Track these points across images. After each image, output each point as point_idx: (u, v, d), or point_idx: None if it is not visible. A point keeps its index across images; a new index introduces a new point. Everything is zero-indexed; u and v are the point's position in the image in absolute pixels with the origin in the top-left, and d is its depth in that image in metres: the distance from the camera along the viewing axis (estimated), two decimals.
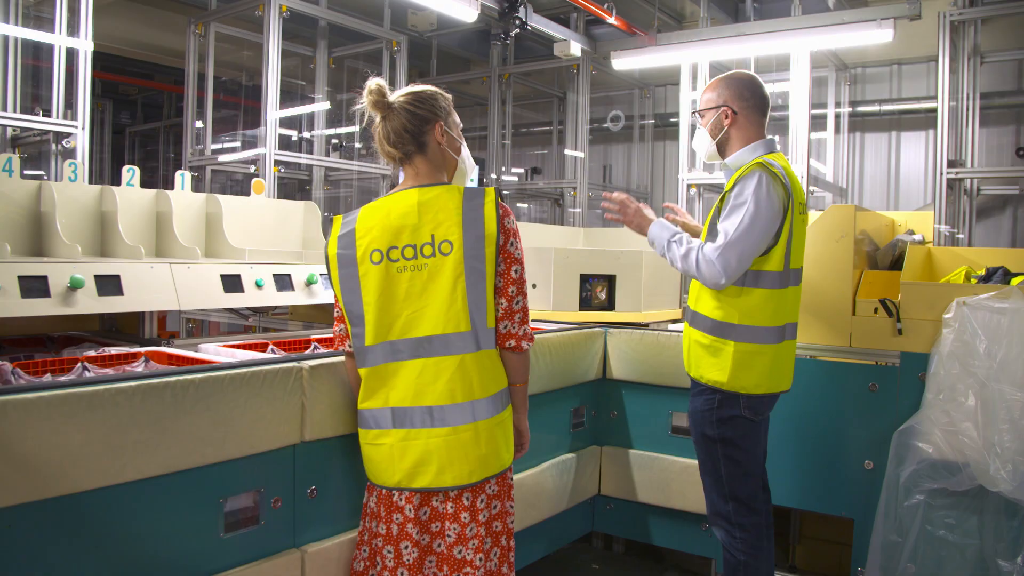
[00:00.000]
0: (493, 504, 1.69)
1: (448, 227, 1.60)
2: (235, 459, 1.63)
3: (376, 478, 1.68)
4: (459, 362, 1.60)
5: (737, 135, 2.10)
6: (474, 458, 1.62)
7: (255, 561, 1.67)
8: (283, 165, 3.61)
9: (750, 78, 2.16)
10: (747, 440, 2.08)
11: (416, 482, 1.62)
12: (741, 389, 2.02)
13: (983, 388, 2.21)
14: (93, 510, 1.41)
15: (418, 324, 1.60)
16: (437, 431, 1.61)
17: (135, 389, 1.44)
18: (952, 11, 3.36)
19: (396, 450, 1.63)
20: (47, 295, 1.92)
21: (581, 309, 3.26)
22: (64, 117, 3.03)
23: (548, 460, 2.68)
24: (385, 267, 1.61)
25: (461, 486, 1.62)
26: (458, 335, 1.60)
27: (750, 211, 1.92)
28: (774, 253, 1.99)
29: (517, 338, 1.67)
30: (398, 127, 1.64)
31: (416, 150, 1.66)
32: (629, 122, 6.05)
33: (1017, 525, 2.19)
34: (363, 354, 1.64)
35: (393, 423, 1.63)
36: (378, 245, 1.61)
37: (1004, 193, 4.58)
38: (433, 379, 1.60)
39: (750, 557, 2.07)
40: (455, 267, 1.59)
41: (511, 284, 1.64)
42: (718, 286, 1.97)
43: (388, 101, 1.66)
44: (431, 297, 1.60)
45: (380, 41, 4.34)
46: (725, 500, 2.09)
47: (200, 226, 2.62)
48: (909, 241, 2.82)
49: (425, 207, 1.61)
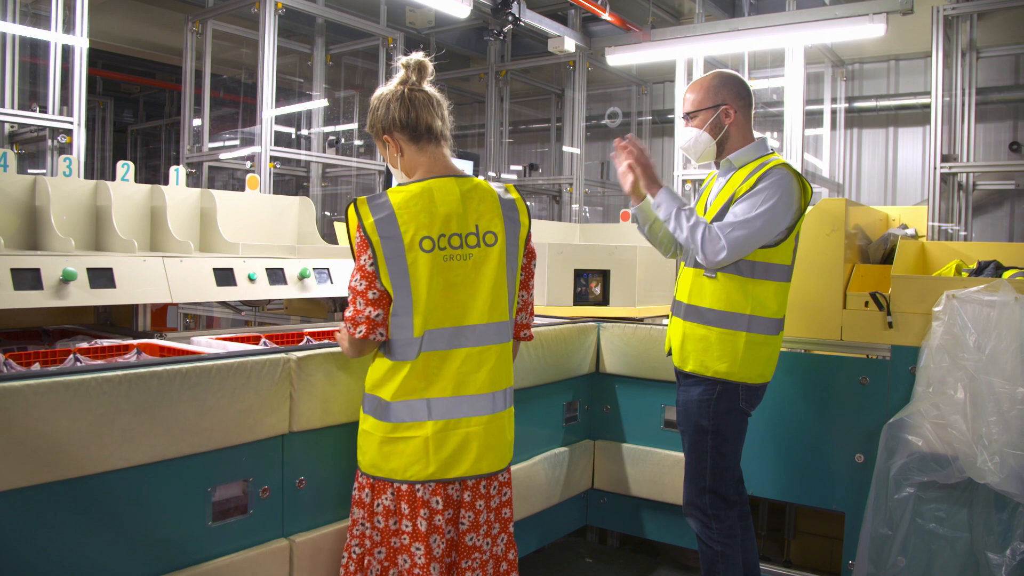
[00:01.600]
0: (504, 491, 1.74)
1: (491, 219, 1.65)
2: (223, 448, 1.64)
3: (401, 473, 1.62)
4: (499, 351, 1.67)
5: (736, 133, 2.11)
6: (505, 445, 1.70)
7: (243, 550, 1.69)
8: (280, 161, 3.63)
9: (739, 77, 2.20)
10: (737, 434, 2.11)
11: (452, 472, 1.62)
12: (748, 379, 2.05)
13: (972, 381, 2.21)
14: (79, 497, 1.43)
15: (464, 313, 1.63)
16: (478, 419, 1.64)
17: (121, 378, 1.46)
18: (946, 6, 3.36)
19: (433, 442, 1.60)
20: (40, 287, 1.94)
21: (575, 304, 3.27)
22: (60, 113, 3.06)
23: (540, 454, 2.69)
24: (436, 255, 1.59)
25: (496, 471, 1.68)
26: (500, 324, 1.66)
27: (770, 202, 1.95)
28: (783, 247, 2.04)
29: (528, 328, 1.80)
30: (444, 114, 1.69)
31: (447, 139, 1.71)
32: (627, 118, 6.06)
33: (1006, 518, 2.20)
34: (408, 345, 1.59)
35: (431, 414, 1.61)
36: (428, 232, 1.58)
37: (1001, 188, 4.57)
38: (476, 368, 1.63)
39: (726, 547, 2.10)
40: (499, 258, 1.64)
41: (531, 277, 1.78)
42: (715, 263, 1.97)
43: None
44: (477, 286, 1.63)
45: (377, 38, 4.35)
46: (703, 492, 2.11)
47: (195, 221, 2.64)
48: (901, 235, 2.82)
49: (468, 197, 1.64)
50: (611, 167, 6.50)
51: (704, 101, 2.11)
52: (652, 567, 3.02)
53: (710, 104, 2.10)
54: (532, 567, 2.95)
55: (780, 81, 4.33)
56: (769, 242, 2.01)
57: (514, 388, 2.47)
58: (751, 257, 2.01)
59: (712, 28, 3.95)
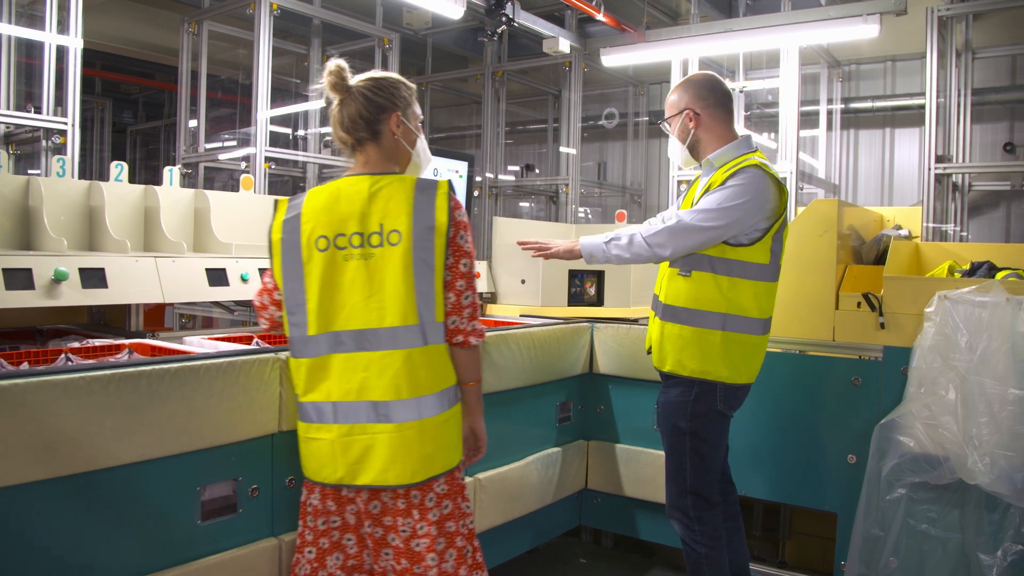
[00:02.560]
0: (444, 504, 1.62)
1: (397, 217, 1.54)
2: (212, 447, 1.65)
3: (316, 474, 1.61)
4: (406, 356, 1.54)
5: (707, 136, 2.12)
6: (418, 456, 1.56)
7: (233, 549, 1.69)
8: (276, 162, 3.64)
9: (706, 77, 2.17)
10: (716, 436, 2.10)
11: (359, 479, 1.56)
12: (726, 379, 2.04)
13: (963, 382, 2.21)
14: (67, 495, 1.43)
15: (364, 315, 1.55)
16: (382, 427, 1.55)
17: (110, 377, 1.46)
18: (940, 6, 3.37)
19: (339, 445, 1.56)
20: (31, 287, 1.94)
21: (570, 304, 3.28)
22: (55, 114, 3.07)
23: (533, 454, 2.70)
24: (331, 254, 1.55)
25: (405, 485, 1.56)
26: (405, 328, 1.54)
27: (736, 200, 1.95)
28: (759, 247, 2.02)
29: (465, 334, 1.61)
30: (354, 112, 1.59)
31: (369, 137, 1.61)
32: (623, 119, 6.07)
33: (998, 519, 2.20)
34: (304, 344, 1.58)
35: (336, 418, 1.56)
36: (324, 231, 1.56)
37: (997, 189, 4.57)
38: (379, 373, 1.54)
39: (710, 549, 2.09)
40: (403, 258, 1.54)
41: (460, 278, 1.59)
42: (669, 255, 1.99)
43: (347, 84, 1.61)
44: (378, 288, 1.54)
45: (373, 39, 4.36)
46: (684, 494, 2.10)
47: (188, 221, 2.65)
48: (894, 236, 2.83)
49: (376, 196, 1.56)
50: (608, 168, 6.51)
51: (671, 108, 2.16)
52: (646, 567, 3.02)
53: (676, 111, 2.15)
54: (526, 567, 2.95)
55: (776, 82, 4.33)
56: (741, 241, 2.00)
57: (501, 391, 2.48)
58: (724, 255, 2.00)
59: (707, 29, 3.96)
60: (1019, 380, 2.13)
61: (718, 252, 2.01)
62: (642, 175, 6.17)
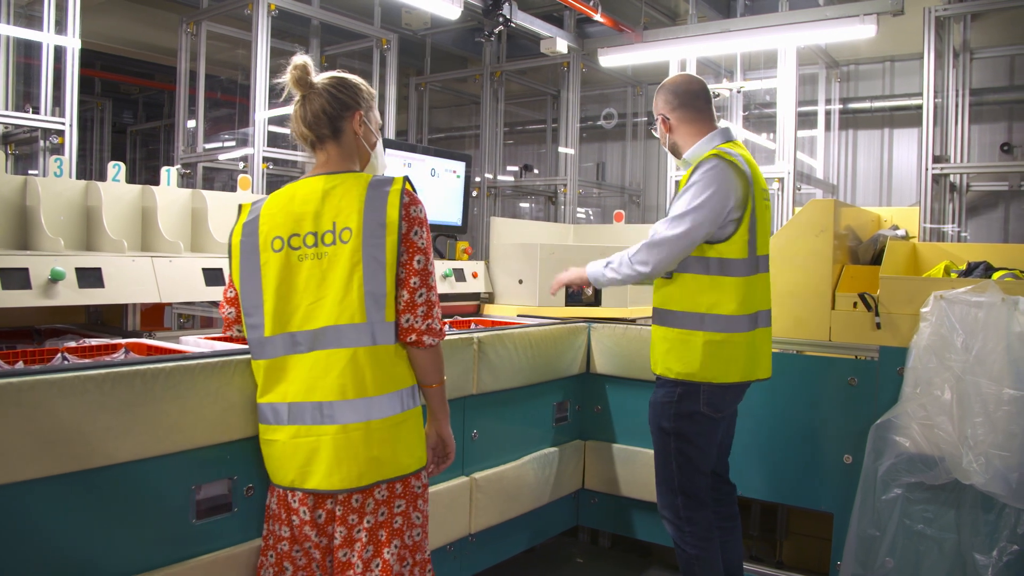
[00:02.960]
0: (380, 510, 1.55)
1: (349, 214, 1.52)
2: (206, 446, 1.65)
3: (273, 476, 1.60)
4: (351, 356, 1.50)
5: (681, 138, 2.16)
6: (364, 459, 1.51)
7: (227, 548, 1.69)
8: (274, 162, 3.65)
9: (675, 80, 2.21)
10: (702, 438, 2.09)
11: (308, 482, 1.53)
12: (712, 379, 2.03)
13: (959, 382, 2.21)
14: (61, 494, 1.43)
15: (316, 315, 1.52)
16: (326, 428, 1.51)
17: (104, 376, 1.47)
18: (937, 7, 3.37)
19: (288, 447, 1.54)
20: (28, 287, 1.95)
21: (568, 304, 3.28)
22: (53, 114, 3.08)
23: (529, 454, 2.70)
24: (285, 255, 1.54)
25: (349, 489, 1.52)
26: (352, 327, 1.50)
27: (702, 196, 1.97)
28: (735, 240, 2.01)
29: (419, 332, 1.55)
30: (317, 108, 1.58)
31: (330, 135, 1.60)
32: (622, 119, 6.08)
33: (993, 519, 2.20)
34: (261, 345, 1.57)
35: (289, 419, 1.55)
36: (279, 232, 1.55)
37: (996, 190, 4.57)
38: (324, 373, 1.51)
39: (701, 550, 2.09)
40: (352, 256, 1.51)
41: (413, 275, 1.54)
42: (658, 269, 2.01)
43: (311, 80, 1.60)
44: (329, 287, 1.52)
45: (371, 40, 4.36)
46: (674, 494, 2.11)
47: (186, 221, 2.65)
48: (890, 236, 2.83)
49: (329, 194, 1.55)
50: (607, 168, 6.51)
51: (655, 113, 2.23)
52: (643, 567, 3.03)
53: (656, 118, 2.23)
54: (523, 566, 2.96)
55: (773, 82, 4.34)
56: (718, 237, 2.00)
57: (498, 390, 2.48)
58: (703, 253, 2.01)
59: (703, 29, 3.96)
60: (1014, 380, 2.14)
61: (697, 252, 2.02)
62: (641, 175, 6.18)
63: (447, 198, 3.51)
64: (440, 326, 1.60)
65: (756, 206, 2.03)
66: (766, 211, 2.11)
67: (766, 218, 2.11)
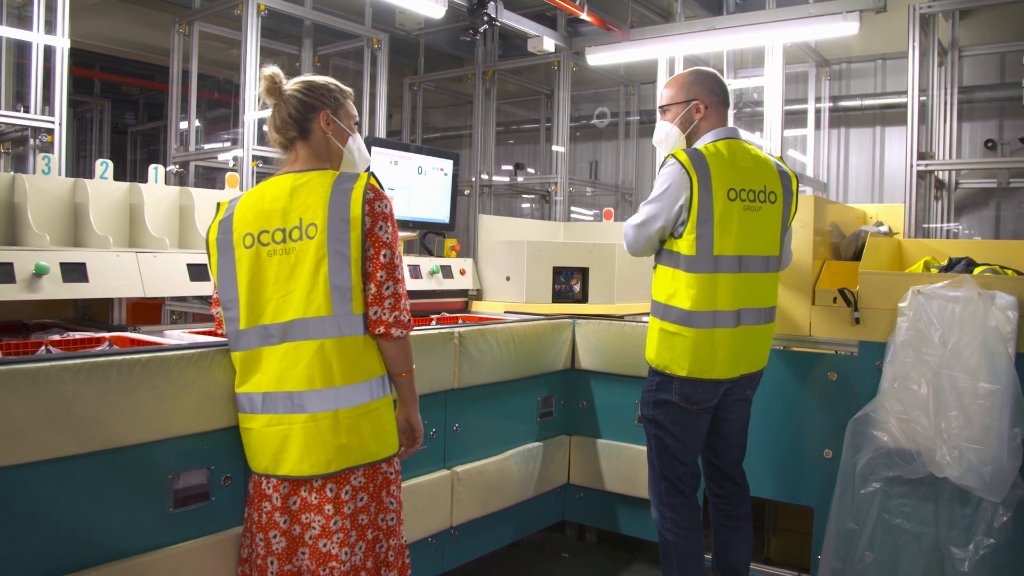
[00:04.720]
0: (359, 496, 1.63)
1: (315, 210, 1.58)
2: (183, 436, 1.68)
3: (251, 463, 1.68)
4: (318, 347, 1.57)
5: (705, 128, 2.17)
6: (333, 447, 1.58)
7: (204, 536, 1.72)
8: (264, 160, 3.68)
9: (717, 75, 2.24)
10: (677, 427, 2.12)
11: (280, 469, 1.61)
12: (666, 369, 2.10)
13: (935, 376, 2.23)
14: (34, 483, 1.46)
15: (286, 308, 1.60)
16: (296, 417, 1.59)
17: (80, 367, 1.50)
18: (922, 4, 3.38)
19: (263, 435, 1.63)
20: (12, 281, 1.99)
21: (555, 301, 3.30)
22: (43, 113, 3.12)
23: (513, 448, 2.73)
24: (256, 251, 1.62)
25: (321, 475, 1.59)
26: (318, 320, 1.58)
27: (655, 192, 2.07)
28: (684, 238, 2.04)
29: (387, 324, 1.61)
30: (285, 114, 1.67)
31: (299, 136, 1.68)
32: (615, 119, 6.09)
33: (970, 513, 2.21)
34: (237, 338, 1.65)
35: (263, 407, 1.63)
36: (250, 229, 1.63)
37: (987, 187, 4.57)
38: (293, 364, 1.59)
39: (679, 538, 2.12)
40: (318, 251, 1.57)
41: (380, 269, 1.60)
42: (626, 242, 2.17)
43: (280, 88, 1.68)
44: (296, 281, 1.59)
45: (362, 40, 4.39)
46: (658, 479, 2.17)
47: (173, 218, 2.69)
48: (872, 232, 2.84)
49: (297, 191, 1.62)
50: (600, 167, 6.53)
51: (676, 96, 2.18)
52: (627, 562, 3.04)
53: (682, 99, 2.16)
54: (507, 560, 2.98)
55: (760, 80, 4.35)
56: (677, 232, 2.07)
57: (479, 384, 2.50)
58: (669, 247, 2.10)
59: (690, 27, 3.98)
60: (989, 374, 2.15)
61: (667, 244, 2.11)
62: (633, 174, 6.20)
63: (435, 196, 3.53)
64: (408, 318, 1.66)
65: (718, 207, 2.03)
66: (742, 211, 2.06)
67: (750, 219, 2.07)
